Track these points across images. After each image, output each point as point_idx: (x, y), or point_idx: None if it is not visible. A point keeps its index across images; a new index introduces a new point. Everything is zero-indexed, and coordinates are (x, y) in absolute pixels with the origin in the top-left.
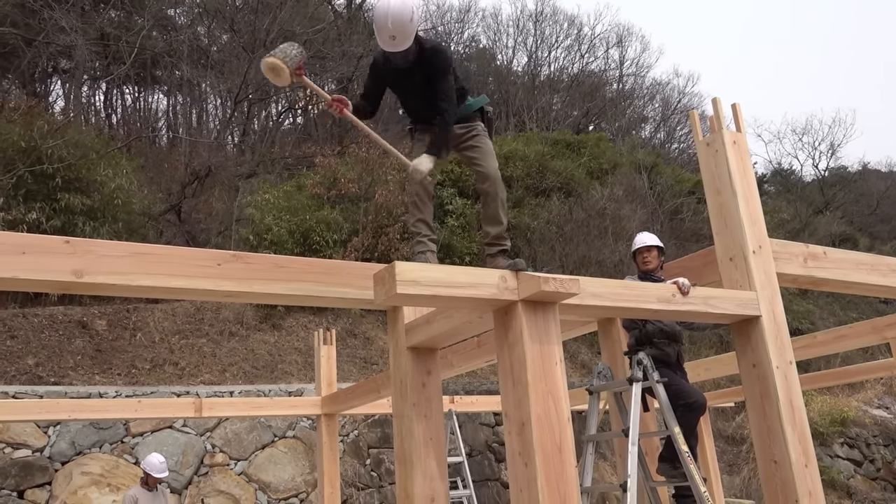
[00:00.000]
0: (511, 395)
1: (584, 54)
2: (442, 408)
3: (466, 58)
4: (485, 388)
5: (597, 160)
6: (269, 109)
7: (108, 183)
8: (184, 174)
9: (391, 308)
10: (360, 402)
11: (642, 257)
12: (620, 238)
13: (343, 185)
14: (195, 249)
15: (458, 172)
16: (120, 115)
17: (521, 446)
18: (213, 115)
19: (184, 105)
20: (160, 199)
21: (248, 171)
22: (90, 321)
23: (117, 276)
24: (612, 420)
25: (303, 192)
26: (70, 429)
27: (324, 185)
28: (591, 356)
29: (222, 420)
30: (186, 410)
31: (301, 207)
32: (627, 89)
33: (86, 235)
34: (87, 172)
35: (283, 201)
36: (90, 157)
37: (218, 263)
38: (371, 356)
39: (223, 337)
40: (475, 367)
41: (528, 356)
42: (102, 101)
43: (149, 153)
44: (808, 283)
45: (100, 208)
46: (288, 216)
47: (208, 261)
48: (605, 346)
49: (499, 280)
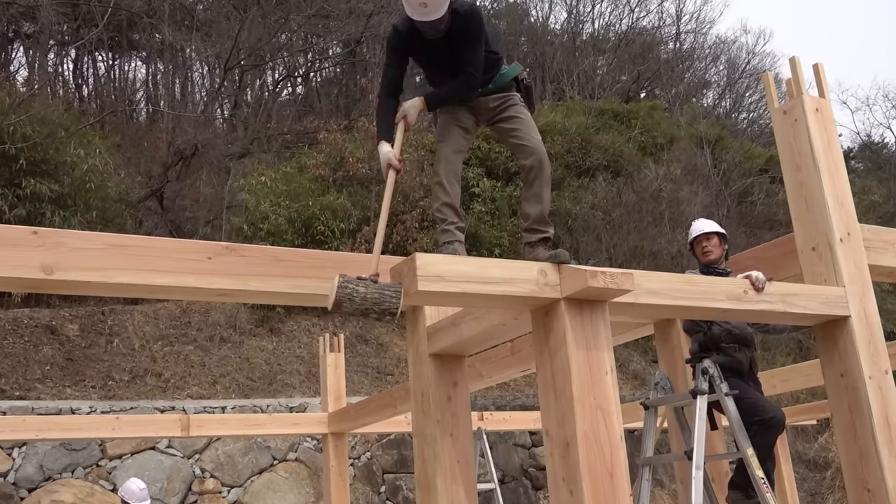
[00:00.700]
0: (553, 410)
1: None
2: (470, 426)
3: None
4: (519, 403)
5: (650, 133)
6: (265, 77)
7: (80, 164)
8: (166, 154)
9: (410, 308)
10: (373, 420)
11: (701, 247)
12: (679, 225)
13: (351, 166)
14: (182, 241)
15: (485, 149)
16: (92, 87)
17: (564, 470)
18: (199, 86)
19: (165, 74)
20: (139, 184)
21: (240, 149)
22: (60, 325)
23: (92, 272)
24: (672, 440)
25: (304, 174)
26: (38, 450)
27: (329, 166)
28: (646, 365)
29: (213, 440)
30: (172, 429)
31: (302, 192)
32: (686, 49)
33: (55, 226)
34: (56, 153)
35: (282, 185)
36: (58, 135)
37: (208, 257)
38: (386, 365)
39: (213, 343)
40: (509, 378)
41: (573, 364)
42: (71, 70)
43: (126, 130)
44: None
45: (70, 195)
46: (287, 202)
47: (197, 254)
48: (662, 353)
49: (538, 274)
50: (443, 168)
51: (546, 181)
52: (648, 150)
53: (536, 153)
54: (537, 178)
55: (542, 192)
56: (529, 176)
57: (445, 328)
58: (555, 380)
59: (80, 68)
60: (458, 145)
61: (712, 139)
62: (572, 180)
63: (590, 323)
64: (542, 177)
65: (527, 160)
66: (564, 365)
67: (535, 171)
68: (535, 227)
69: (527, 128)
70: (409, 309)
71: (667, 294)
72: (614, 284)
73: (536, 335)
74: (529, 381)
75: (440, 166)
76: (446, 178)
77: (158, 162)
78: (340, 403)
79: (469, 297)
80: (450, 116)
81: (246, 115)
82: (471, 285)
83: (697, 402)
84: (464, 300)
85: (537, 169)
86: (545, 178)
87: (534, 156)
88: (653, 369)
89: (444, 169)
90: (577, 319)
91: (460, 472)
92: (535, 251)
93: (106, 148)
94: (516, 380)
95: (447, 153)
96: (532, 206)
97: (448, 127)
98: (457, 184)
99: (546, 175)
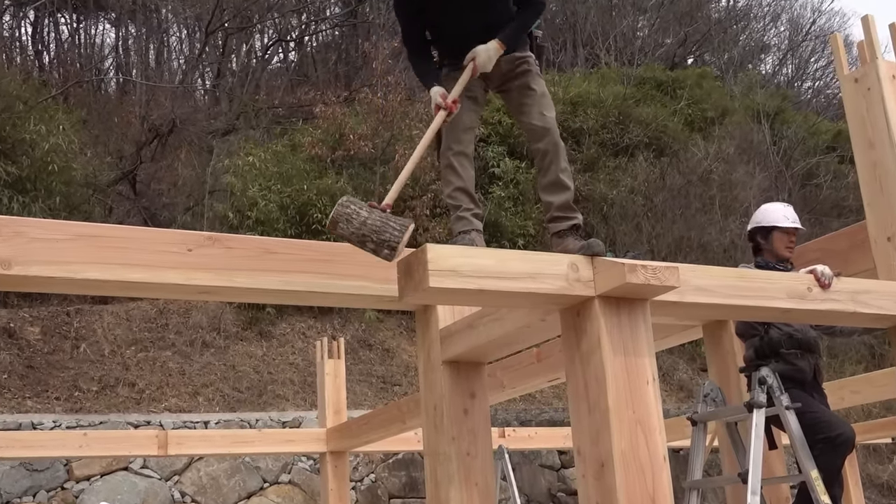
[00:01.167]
0: (585, 425)
1: None
2: (490, 444)
3: None
4: (546, 418)
5: (698, 105)
6: (252, 42)
7: (41, 143)
8: (139, 131)
9: (421, 308)
10: (378, 436)
11: (788, 239)
12: (732, 212)
13: (352, 144)
14: (159, 230)
15: (507, 124)
16: (54, 54)
17: (599, 495)
18: (177, 52)
19: (138, 39)
20: (109, 165)
21: (224, 125)
22: (19, 328)
23: (56, 266)
24: (724, 460)
25: (298, 154)
26: None
27: (326, 144)
28: (693, 374)
29: (194, 460)
30: (147, 447)
31: (296, 174)
32: (741, 7)
33: (13, 214)
34: (13, 130)
35: (273, 166)
36: (15, 109)
37: (189, 248)
38: (392, 374)
39: (194, 349)
40: (534, 389)
41: (609, 372)
42: (30, 34)
43: (93, 103)
44: None
45: (30, 177)
46: (279, 185)
47: (176, 245)
48: (712, 360)
49: (568, 268)
50: (453, 148)
51: (564, 164)
52: (697, 124)
53: (550, 134)
54: (553, 162)
55: (562, 177)
56: (544, 162)
57: (461, 331)
58: (587, 390)
59: (40, 32)
60: (468, 120)
61: (771, 112)
62: (608, 160)
63: (628, 325)
64: (558, 160)
65: (539, 143)
66: (599, 373)
67: (550, 156)
68: (562, 216)
69: (540, 104)
70: (420, 309)
71: (718, 291)
72: (657, 280)
73: (566, 339)
74: (558, 392)
75: (450, 146)
76: (457, 160)
77: (130, 140)
78: (341, 418)
79: (488, 294)
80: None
81: (231, 85)
82: (490, 281)
83: (753, 417)
84: (482, 298)
85: (552, 153)
86: (562, 161)
87: (547, 138)
88: (701, 379)
89: (454, 148)
90: (614, 320)
91: (479, 497)
92: (564, 242)
93: (70, 124)
94: (543, 391)
95: (457, 132)
96: (553, 194)
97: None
98: (469, 165)
99: (562, 157)
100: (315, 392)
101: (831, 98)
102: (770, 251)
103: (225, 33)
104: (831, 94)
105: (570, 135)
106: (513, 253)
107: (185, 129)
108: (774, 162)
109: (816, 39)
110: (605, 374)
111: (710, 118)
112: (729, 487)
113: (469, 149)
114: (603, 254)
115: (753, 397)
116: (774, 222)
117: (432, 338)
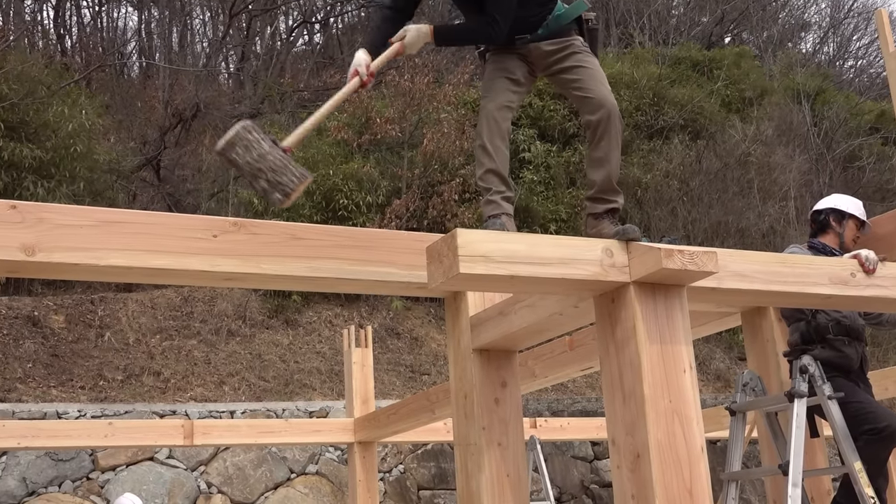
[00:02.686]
0: (620, 415)
1: None
2: (522, 434)
3: None
4: (579, 408)
5: (736, 86)
6: (277, 24)
7: (64, 125)
8: (163, 116)
9: (450, 295)
10: (406, 427)
11: (855, 232)
12: (770, 196)
13: (379, 127)
14: (183, 216)
15: (538, 107)
16: (76, 38)
17: (635, 487)
18: (200, 35)
19: (161, 22)
20: (132, 151)
21: (249, 109)
22: (44, 316)
23: (81, 252)
24: (763, 451)
25: (324, 138)
26: (20, 461)
27: (353, 129)
28: (730, 363)
29: (220, 450)
30: (173, 437)
31: (322, 159)
32: None
33: (37, 199)
34: (36, 115)
35: (298, 151)
36: (38, 94)
37: (214, 234)
38: (421, 363)
39: (220, 337)
40: (567, 378)
41: (645, 360)
42: (52, 18)
43: (115, 88)
44: None
45: (54, 162)
46: None
47: (201, 231)
48: (751, 348)
49: (603, 254)
50: (486, 128)
51: (616, 141)
52: (734, 105)
53: (605, 106)
54: (605, 136)
55: (610, 154)
56: (596, 134)
57: (492, 318)
58: (622, 379)
59: (62, 16)
60: (504, 99)
61: (812, 92)
62: (642, 143)
63: (664, 311)
64: (610, 135)
65: (592, 115)
66: (634, 361)
67: (602, 128)
68: (602, 196)
69: (593, 78)
70: (450, 296)
71: (757, 277)
72: (694, 266)
73: (600, 326)
74: (591, 381)
75: (483, 126)
76: (490, 141)
77: (154, 125)
78: (369, 408)
79: (520, 280)
80: (496, 65)
81: (255, 69)
82: (522, 267)
83: (794, 407)
84: (514, 285)
85: (605, 125)
86: (614, 137)
87: (602, 110)
88: (739, 368)
89: (488, 129)
90: (650, 307)
91: (510, 489)
92: (599, 225)
93: (93, 108)
94: (576, 380)
95: (491, 110)
96: (597, 170)
97: (493, 79)
98: (504, 147)
99: (616, 133)
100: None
101: (875, 77)
102: (837, 235)
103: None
104: (875, 73)
105: None
106: (545, 238)
107: (209, 113)
108: (815, 144)
109: (859, 16)
110: (640, 362)
111: (748, 99)
112: (768, 479)
113: (505, 128)
114: (638, 239)
115: (794, 386)
116: (854, 211)
117: (462, 326)
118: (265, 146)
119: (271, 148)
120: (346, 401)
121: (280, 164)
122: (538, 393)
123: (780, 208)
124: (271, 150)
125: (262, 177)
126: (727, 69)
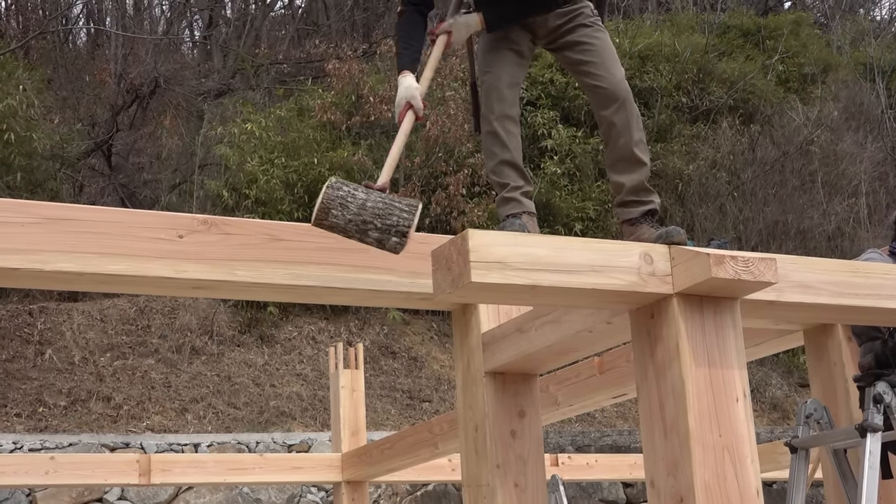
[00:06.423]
0: (660, 451)
1: None
2: (543, 473)
3: None
4: (608, 443)
5: (795, 59)
6: None
7: None
8: (115, 92)
9: (459, 308)
10: (404, 463)
11: None
12: (838, 191)
13: (373, 108)
14: (144, 213)
15: (560, 84)
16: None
17: None
18: None
19: None
20: (78, 133)
21: (217, 85)
22: None
23: (21, 255)
24: (829, 494)
25: (307, 120)
26: None
27: (341, 108)
28: (789, 390)
29: (182, 490)
30: (126, 474)
31: (304, 144)
32: None
33: None
34: None
35: (276, 134)
36: None
37: (179, 235)
38: (421, 388)
39: (182, 356)
40: (594, 407)
41: (690, 386)
42: None
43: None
44: None
45: None
46: (283, 158)
47: (165, 230)
48: (815, 373)
49: (640, 260)
50: (496, 109)
51: (638, 134)
52: (793, 83)
53: (619, 99)
54: (624, 131)
55: (634, 153)
56: (612, 132)
57: (508, 336)
58: (663, 409)
59: None
60: (512, 75)
61: (886, 68)
62: (684, 128)
63: (713, 329)
64: (629, 130)
65: (606, 110)
66: (677, 388)
67: (620, 124)
68: (634, 199)
69: (604, 60)
70: (458, 309)
71: (824, 289)
72: (749, 275)
73: (637, 346)
74: (623, 411)
75: (493, 106)
76: (501, 126)
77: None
78: (359, 441)
79: (543, 291)
80: (497, 35)
81: (225, 37)
82: (545, 275)
83: (867, 443)
84: (535, 296)
85: (622, 120)
86: (635, 131)
87: (615, 103)
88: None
89: (498, 111)
90: (697, 323)
91: None
92: (638, 231)
93: (32, 84)
94: (605, 409)
95: (500, 88)
96: (623, 172)
97: (497, 50)
98: (516, 131)
99: (635, 123)
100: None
101: None
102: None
103: None
104: None
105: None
106: (573, 241)
107: (171, 89)
108: (890, 129)
109: None
110: (684, 388)
111: (809, 76)
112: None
113: (514, 110)
114: (684, 243)
115: (867, 418)
116: None
117: (473, 344)
118: (361, 195)
119: (367, 194)
120: (332, 432)
121: (383, 206)
122: (560, 424)
123: (848, 206)
124: (368, 196)
125: (371, 227)
126: (785, 40)
